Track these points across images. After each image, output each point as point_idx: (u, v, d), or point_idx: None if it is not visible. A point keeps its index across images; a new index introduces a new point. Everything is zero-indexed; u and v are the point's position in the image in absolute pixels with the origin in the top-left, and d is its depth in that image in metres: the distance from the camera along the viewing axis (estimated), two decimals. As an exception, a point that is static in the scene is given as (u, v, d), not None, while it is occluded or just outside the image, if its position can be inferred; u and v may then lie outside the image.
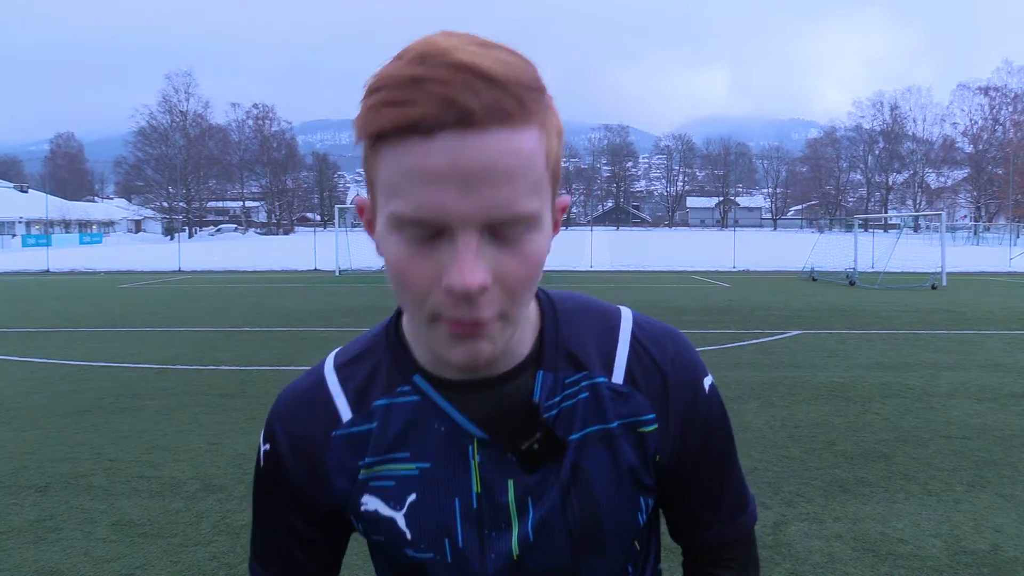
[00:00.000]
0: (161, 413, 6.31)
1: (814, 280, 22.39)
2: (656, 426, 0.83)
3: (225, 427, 5.87)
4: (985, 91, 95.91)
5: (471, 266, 0.63)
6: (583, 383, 0.82)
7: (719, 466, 0.89)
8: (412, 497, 0.80)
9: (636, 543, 0.89)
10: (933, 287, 19.26)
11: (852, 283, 20.73)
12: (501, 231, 0.65)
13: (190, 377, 7.83)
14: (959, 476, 4.73)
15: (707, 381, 0.87)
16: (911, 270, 24.13)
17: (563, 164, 0.78)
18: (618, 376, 0.82)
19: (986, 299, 16.57)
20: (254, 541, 0.92)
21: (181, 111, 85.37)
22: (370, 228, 0.74)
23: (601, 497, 0.82)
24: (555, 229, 0.74)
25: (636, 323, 0.86)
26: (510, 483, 0.80)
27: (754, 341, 10.20)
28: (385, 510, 0.81)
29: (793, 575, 3.42)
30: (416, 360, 0.81)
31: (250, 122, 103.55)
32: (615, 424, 0.82)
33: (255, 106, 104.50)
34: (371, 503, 0.82)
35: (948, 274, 21.14)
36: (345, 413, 0.83)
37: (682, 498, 0.89)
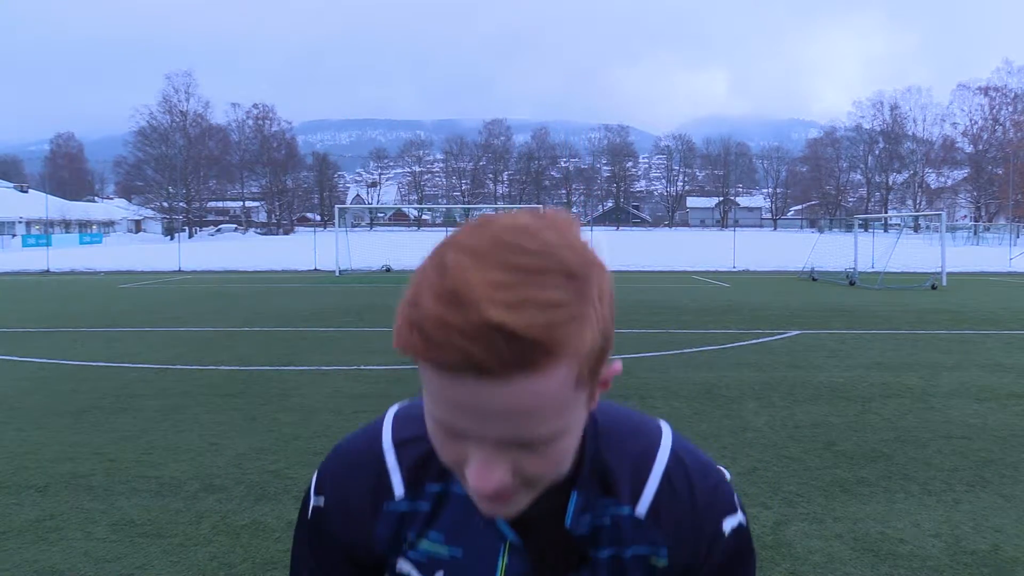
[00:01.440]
0: (161, 413, 6.31)
1: (814, 280, 22.40)
2: (666, 562, 0.86)
3: (225, 427, 5.87)
4: (985, 91, 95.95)
5: (486, 472, 0.68)
6: (609, 509, 0.84)
7: None
8: (439, 575, 0.85)
9: None
10: (933, 287, 19.27)
11: (852, 283, 20.74)
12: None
13: (190, 377, 7.83)
14: (959, 476, 4.73)
15: (729, 524, 0.87)
16: (911, 270, 24.14)
17: (564, 164, 0.78)
18: (642, 508, 0.84)
19: (986, 299, 16.58)
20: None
21: (181, 111, 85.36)
22: None
23: None
24: (604, 386, 0.74)
25: (673, 454, 0.87)
26: None
27: (754, 341, 10.20)
28: None
29: (793, 575, 3.42)
30: None
31: (250, 122, 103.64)
32: (629, 554, 0.85)
33: (255, 106, 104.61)
34: (404, 567, 0.88)
35: (948, 274, 21.15)
36: (398, 490, 0.86)
37: None
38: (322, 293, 18.36)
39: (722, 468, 0.91)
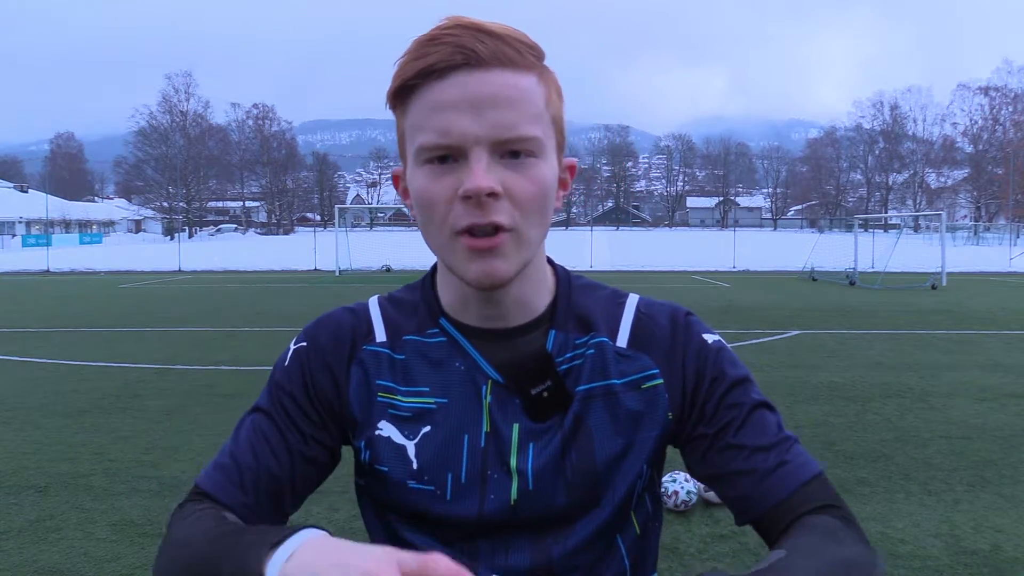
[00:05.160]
0: (161, 413, 6.31)
1: (814, 280, 22.38)
2: (662, 381, 0.87)
3: (225, 427, 5.86)
4: (985, 91, 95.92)
5: (482, 174, 0.74)
6: (590, 342, 0.87)
7: (744, 410, 0.88)
8: (426, 429, 0.85)
9: (632, 519, 0.89)
10: (933, 287, 19.25)
11: (852, 283, 20.73)
12: (508, 153, 0.76)
13: (190, 377, 7.83)
14: (959, 476, 4.72)
15: (710, 337, 0.91)
16: (911, 270, 24.11)
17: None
18: (622, 340, 0.88)
19: (986, 299, 16.57)
20: (235, 440, 0.89)
21: (181, 111, 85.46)
22: (405, 195, 0.85)
23: (598, 451, 0.85)
24: (564, 187, 0.87)
25: (642, 300, 0.93)
26: (515, 427, 0.84)
27: (754, 341, 10.20)
28: (398, 438, 0.85)
29: (793, 575, 3.42)
30: (444, 307, 0.89)
31: (250, 122, 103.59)
32: (618, 381, 0.86)
33: (255, 106, 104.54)
34: (386, 430, 0.86)
35: (948, 274, 21.13)
36: (380, 335, 0.90)
37: (724, 455, 0.86)
38: (322, 293, 18.36)
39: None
